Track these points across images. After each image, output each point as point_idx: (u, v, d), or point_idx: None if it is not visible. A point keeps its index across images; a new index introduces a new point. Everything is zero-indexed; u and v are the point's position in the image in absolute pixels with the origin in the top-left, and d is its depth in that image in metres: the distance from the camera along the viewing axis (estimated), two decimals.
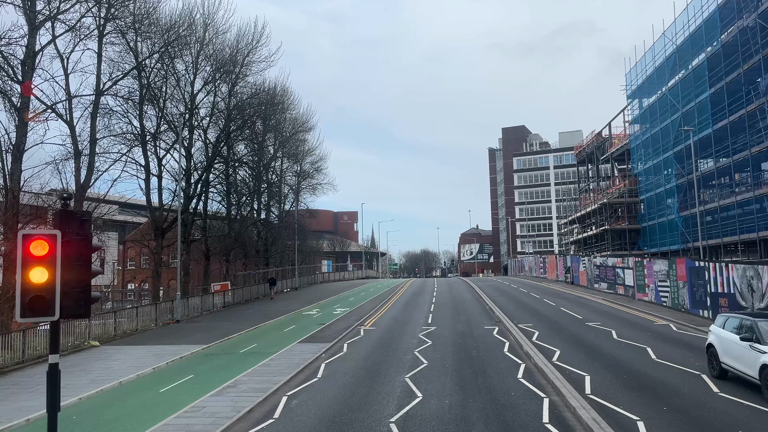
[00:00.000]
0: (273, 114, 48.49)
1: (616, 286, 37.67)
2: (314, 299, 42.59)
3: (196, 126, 36.56)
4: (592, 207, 52.40)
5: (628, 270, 35.51)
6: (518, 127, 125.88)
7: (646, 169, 44.31)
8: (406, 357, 18.21)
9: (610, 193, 48.40)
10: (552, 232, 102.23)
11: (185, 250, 35.34)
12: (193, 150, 38.50)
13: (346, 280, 75.95)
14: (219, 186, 42.11)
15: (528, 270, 74.51)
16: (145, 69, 30.92)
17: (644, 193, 44.88)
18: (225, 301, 36.67)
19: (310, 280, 62.82)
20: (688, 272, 26.50)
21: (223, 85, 37.77)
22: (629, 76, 47.09)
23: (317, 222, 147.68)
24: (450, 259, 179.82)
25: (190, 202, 35.72)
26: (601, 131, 63.36)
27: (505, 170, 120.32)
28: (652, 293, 31.41)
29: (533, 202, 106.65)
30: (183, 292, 35.15)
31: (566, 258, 53.30)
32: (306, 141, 62.04)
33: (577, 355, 17.69)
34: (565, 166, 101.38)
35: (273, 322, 29.02)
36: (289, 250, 56.25)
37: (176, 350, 20.49)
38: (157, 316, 27.68)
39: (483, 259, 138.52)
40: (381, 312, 32.08)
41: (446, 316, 29.00)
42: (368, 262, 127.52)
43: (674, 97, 38.06)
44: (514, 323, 25.11)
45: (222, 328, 27.02)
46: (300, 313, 33.13)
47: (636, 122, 46.39)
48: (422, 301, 38.53)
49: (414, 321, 27.41)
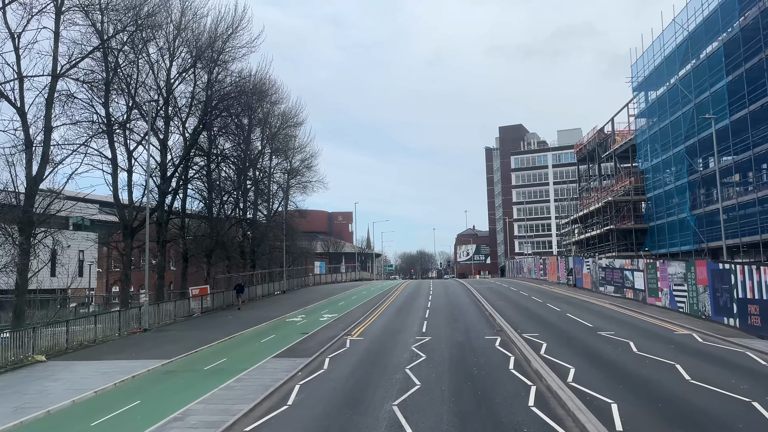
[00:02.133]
0: (259, 105, 45.82)
1: (624, 290, 35.14)
2: (302, 303, 39.89)
3: (173, 116, 33.80)
4: (596, 206, 49.91)
5: (638, 272, 32.97)
6: (515, 125, 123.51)
7: (653, 165, 41.84)
8: (395, 376, 15.57)
9: (615, 191, 45.93)
10: (551, 233, 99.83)
11: (159, 252, 32.62)
12: (171, 143, 35.83)
13: (338, 283, 73.26)
14: (200, 183, 39.40)
15: (527, 272, 71.98)
16: (112, 51, 28.17)
17: (651, 190, 42.41)
18: (203, 306, 33.92)
19: (301, 283, 60.14)
20: (710, 275, 23.96)
21: (204, 74, 35.05)
22: (635, 67, 44.66)
23: (311, 223, 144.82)
24: (446, 260, 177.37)
25: (165, 199, 32.92)
26: (603, 127, 60.92)
27: (502, 169, 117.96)
28: (666, 298, 28.88)
29: (531, 201, 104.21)
30: (157, 297, 32.43)
31: (568, 259, 50.78)
32: (296, 137, 59.46)
33: (596, 375, 15.09)
34: (565, 164, 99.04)
35: (251, 331, 26.31)
36: (277, 252, 53.53)
37: (131, 367, 17.77)
38: (121, 325, 24.91)
39: (480, 260, 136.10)
40: (371, 318, 29.43)
41: (442, 324, 26.38)
42: (363, 263, 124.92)
43: (686, 87, 35.60)
44: (518, 332, 22.51)
45: (193, 338, 24.30)
46: (283, 320, 30.44)
47: (642, 116, 43.92)
48: (416, 306, 35.90)
49: (407, 329, 24.77)
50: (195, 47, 33.00)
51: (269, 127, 50.25)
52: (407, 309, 33.92)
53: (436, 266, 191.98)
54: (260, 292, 45.20)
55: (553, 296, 39.86)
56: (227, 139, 44.12)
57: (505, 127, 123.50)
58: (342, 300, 42.60)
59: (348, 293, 49.63)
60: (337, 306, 37.56)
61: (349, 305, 37.57)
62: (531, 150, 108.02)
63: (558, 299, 37.03)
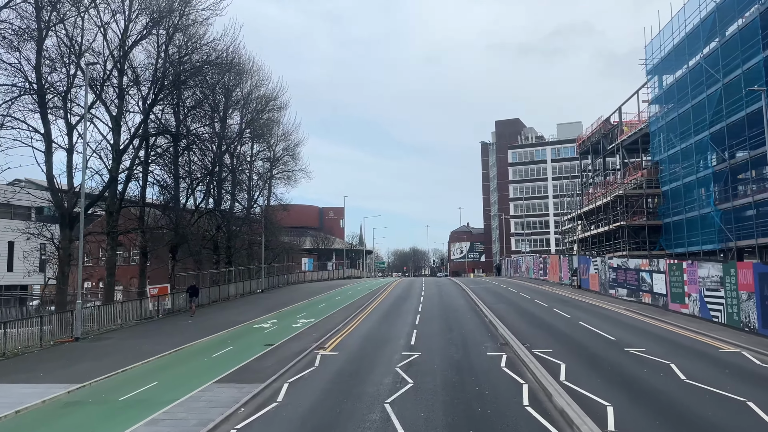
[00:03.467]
0: (237, 85, 41.52)
1: (640, 294, 31.17)
2: (278, 305, 35.65)
3: (128, 88, 29.35)
4: (603, 201, 45.92)
5: (657, 274, 28.97)
6: (512, 120, 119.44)
7: (670, 155, 37.85)
8: (370, 416, 11.42)
9: (627, 184, 41.89)
10: (549, 230, 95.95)
11: (110, 246, 28.25)
12: (130, 124, 31.41)
13: (325, 281, 69.00)
14: (164, 168, 34.96)
15: (525, 271, 68.04)
16: (45, 5, 23.67)
17: (667, 183, 38.43)
18: (160, 309, 29.56)
19: (284, 281, 55.86)
20: (757, 280, 19.94)
21: (162, 39, 30.49)
22: (649, 48, 40.63)
23: (300, 218, 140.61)
24: (439, 257, 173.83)
25: (117, 185, 28.45)
26: (609, 117, 57.00)
27: (499, 165, 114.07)
28: (694, 305, 24.88)
29: (529, 197, 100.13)
30: (106, 298, 28.10)
31: (572, 258, 46.81)
32: (280, 124, 55.14)
33: (645, 419, 10.99)
34: (564, 159, 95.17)
35: (206, 341, 22.04)
36: (257, 247, 49.24)
37: (23, 396, 13.48)
38: (43, 334, 20.56)
39: (474, 258, 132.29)
40: (353, 325, 25.25)
41: (435, 333, 22.25)
42: (353, 260, 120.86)
43: (712, 66, 31.57)
44: (527, 347, 18.43)
45: (131, 350, 20.03)
46: (250, 327, 26.18)
47: (658, 102, 39.90)
48: (406, 308, 31.76)
49: (393, 340, 20.61)
50: (153, 8, 28.54)
51: (248, 110, 45.89)
52: (395, 313, 29.78)
53: (429, 264, 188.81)
54: (234, 291, 40.90)
55: (558, 299, 35.85)
56: (200, 120, 39.73)
57: (501, 121, 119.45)
58: (324, 301, 38.39)
59: (332, 293, 45.42)
60: (317, 309, 33.35)
61: (331, 308, 33.38)
62: (529, 144, 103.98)
63: (565, 303, 33.02)
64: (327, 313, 30.30)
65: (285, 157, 56.38)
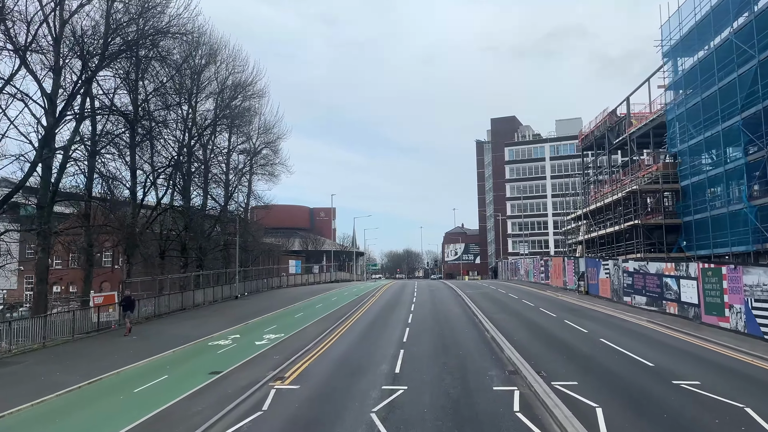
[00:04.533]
0: (206, 66, 37.20)
1: (664, 303, 27.05)
2: (248, 315, 31.27)
3: (68, 57, 24.83)
4: (613, 198, 41.83)
5: (686, 281, 24.83)
6: (509, 117, 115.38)
7: (691, 146, 33.76)
8: None
9: (641, 178, 37.78)
10: (548, 231, 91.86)
11: (41, 246, 23.79)
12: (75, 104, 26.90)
13: (310, 285, 64.53)
14: (118, 157, 30.47)
15: (524, 274, 63.93)
16: None
17: (688, 177, 34.34)
18: (101, 322, 25.01)
19: (264, 285, 51.35)
20: None
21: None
22: (666, 28, 36.61)
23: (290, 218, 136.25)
24: (433, 259, 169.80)
25: (50, 173, 23.94)
26: (615, 109, 52.98)
27: (494, 163, 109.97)
28: (737, 318, 20.73)
29: (528, 197, 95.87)
30: (36, 308, 23.61)
31: (578, 261, 42.71)
32: (260, 114, 50.81)
33: None
34: (564, 157, 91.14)
35: (140, 366, 17.63)
36: (233, 249, 44.83)
37: None
38: None
39: (468, 259, 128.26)
40: (328, 343, 20.95)
41: (425, 355, 17.98)
42: (343, 262, 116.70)
43: (745, 41, 27.51)
44: (543, 376, 14.26)
45: (31, 381, 15.62)
46: (204, 344, 21.80)
47: (677, 87, 35.82)
48: (394, 320, 27.48)
49: (372, 367, 16.31)
50: None
51: (223, 97, 41.50)
52: (381, 325, 25.46)
53: (423, 265, 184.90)
54: (203, 298, 36.43)
55: (567, 308, 31.70)
56: (165, 105, 35.32)
57: (497, 118, 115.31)
58: (302, 310, 34.04)
59: (314, 299, 41.07)
60: (292, 320, 29.00)
61: (308, 318, 29.03)
62: (527, 141, 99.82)
63: (576, 313, 28.84)
64: (301, 326, 25.96)
65: (264, 150, 52.11)
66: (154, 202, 34.77)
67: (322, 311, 32.29)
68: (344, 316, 29.44)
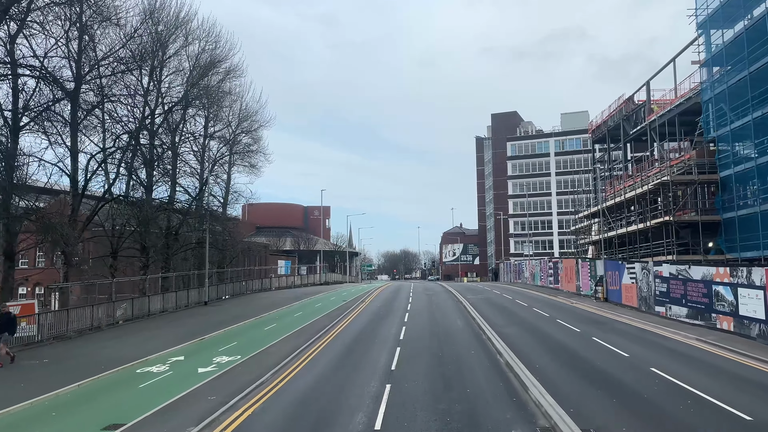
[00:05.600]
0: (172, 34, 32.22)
1: (713, 316, 22.08)
2: (211, 326, 26.21)
3: None
4: (637, 191, 36.86)
5: (749, 290, 19.85)
6: (510, 113, 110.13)
7: (734, 130, 28.80)
8: None
9: (673, 166, 32.74)
10: (552, 231, 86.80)
11: None
12: None
13: (297, 287, 59.39)
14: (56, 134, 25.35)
15: (529, 277, 58.98)
16: None
17: (730, 167, 29.39)
18: (14, 339, 19.80)
19: (244, 289, 46.21)
20: None
21: None
22: None
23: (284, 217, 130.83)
24: (431, 260, 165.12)
25: None
26: (632, 96, 48.11)
27: (495, 161, 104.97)
28: None
29: (531, 194, 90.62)
30: None
31: (595, 263, 37.75)
32: (240, 99, 45.82)
33: None
34: (570, 152, 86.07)
35: (11, 414, 12.56)
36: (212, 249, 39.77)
37: None
38: None
39: (467, 260, 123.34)
40: (292, 371, 15.94)
41: (420, 395, 12.96)
42: (337, 262, 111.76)
43: None
44: None
45: None
46: (131, 371, 16.71)
47: (715, 63, 30.83)
48: (383, 335, 22.47)
49: (343, 418, 11.29)
50: None
51: (193, 74, 36.41)
52: (365, 343, 20.43)
53: (420, 266, 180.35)
54: (161, 305, 31.28)
55: (589, 319, 26.76)
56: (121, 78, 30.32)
57: (498, 114, 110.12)
58: (277, 320, 29.00)
59: (295, 306, 36.02)
60: (259, 334, 23.96)
61: (279, 332, 23.99)
62: (530, 135, 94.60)
63: (602, 326, 23.87)
64: (268, 343, 20.93)
65: (245, 138, 47.08)
66: (100, 190, 29.63)
67: (298, 322, 27.25)
68: (324, 329, 24.42)
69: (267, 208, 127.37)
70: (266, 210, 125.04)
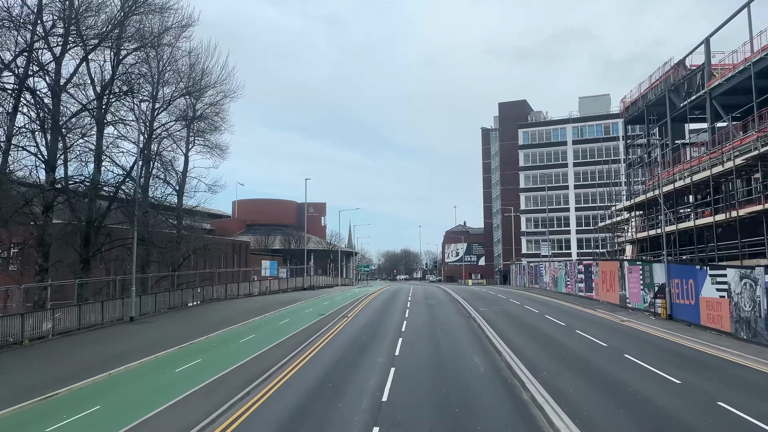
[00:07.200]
0: None
1: None
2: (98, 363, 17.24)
3: None
4: (712, 171, 27.84)
5: None
6: (519, 101, 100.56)
7: None
8: None
9: (759, 139, 23.78)
10: (569, 228, 77.55)
11: None
12: None
13: (275, 293, 50.28)
14: None
15: (550, 282, 49.91)
16: None
17: None
18: None
19: (199, 297, 37.12)
20: None
21: None
22: None
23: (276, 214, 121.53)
24: (432, 260, 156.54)
25: None
26: (683, 60, 39.10)
27: (503, 152, 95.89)
28: None
29: (553, 188, 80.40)
30: None
31: (650, 268, 28.74)
32: (199, 62, 37.05)
33: None
34: (590, 140, 76.86)
35: None
36: (140, 244, 30.86)
37: None
38: None
39: (471, 261, 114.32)
40: None
41: None
42: (327, 262, 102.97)
43: None
44: None
45: None
46: None
47: None
48: (365, 371, 13.45)
49: None
50: None
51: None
52: (328, 400, 11.41)
53: (421, 266, 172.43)
54: (51, 326, 22.20)
55: (669, 351, 17.81)
56: None
57: (506, 103, 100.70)
58: (209, 349, 19.98)
59: (253, 323, 27.04)
60: (156, 383, 14.99)
61: (193, 379, 14.98)
62: (545, 122, 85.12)
63: (707, 370, 14.81)
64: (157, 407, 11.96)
65: (207, 109, 38.18)
66: None
67: (244, 353, 18.31)
68: (269, 370, 15.48)
69: (257, 204, 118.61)
70: (256, 206, 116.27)
